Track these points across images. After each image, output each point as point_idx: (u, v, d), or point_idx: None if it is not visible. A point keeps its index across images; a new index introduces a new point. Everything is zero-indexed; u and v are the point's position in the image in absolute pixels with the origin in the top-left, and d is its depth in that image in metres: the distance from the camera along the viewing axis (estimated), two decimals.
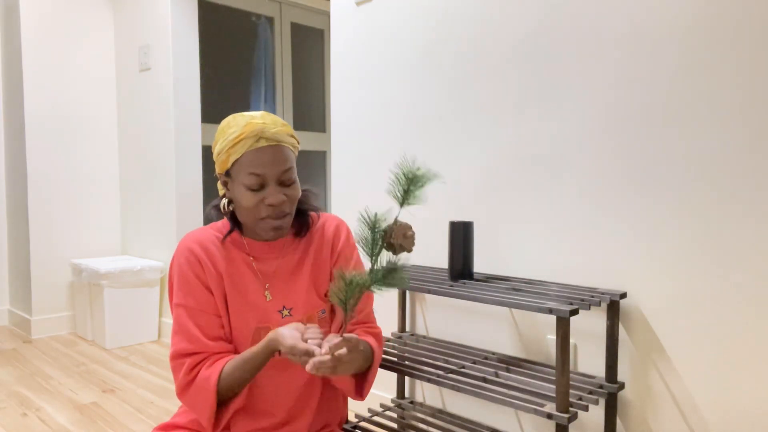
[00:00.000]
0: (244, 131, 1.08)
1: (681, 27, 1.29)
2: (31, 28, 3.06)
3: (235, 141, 1.08)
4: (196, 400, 1.10)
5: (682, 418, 1.33)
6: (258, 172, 1.08)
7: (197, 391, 1.09)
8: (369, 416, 1.71)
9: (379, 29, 1.94)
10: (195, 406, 1.11)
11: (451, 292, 1.36)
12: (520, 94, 1.58)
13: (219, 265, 1.15)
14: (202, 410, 1.10)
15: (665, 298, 1.34)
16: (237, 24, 3.61)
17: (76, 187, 3.25)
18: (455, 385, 1.32)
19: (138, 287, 2.98)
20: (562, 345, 1.18)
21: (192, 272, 1.13)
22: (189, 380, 1.10)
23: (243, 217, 1.13)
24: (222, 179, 1.15)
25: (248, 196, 1.09)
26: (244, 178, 1.08)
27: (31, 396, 2.27)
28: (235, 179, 1.11)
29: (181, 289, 1.13)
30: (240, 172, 1.09)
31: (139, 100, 3.18)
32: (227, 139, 1.09)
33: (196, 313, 1.12)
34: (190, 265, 1.13)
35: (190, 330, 1.11)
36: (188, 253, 1.14)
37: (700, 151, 1.28)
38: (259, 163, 1.08)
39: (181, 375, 1.10)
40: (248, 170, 1.08)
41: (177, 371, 1.11)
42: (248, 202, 1.09)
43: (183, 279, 1.13)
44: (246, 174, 1.08)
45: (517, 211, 1.61)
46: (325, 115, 4.13)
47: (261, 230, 1.12)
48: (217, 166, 1.14)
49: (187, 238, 1.17)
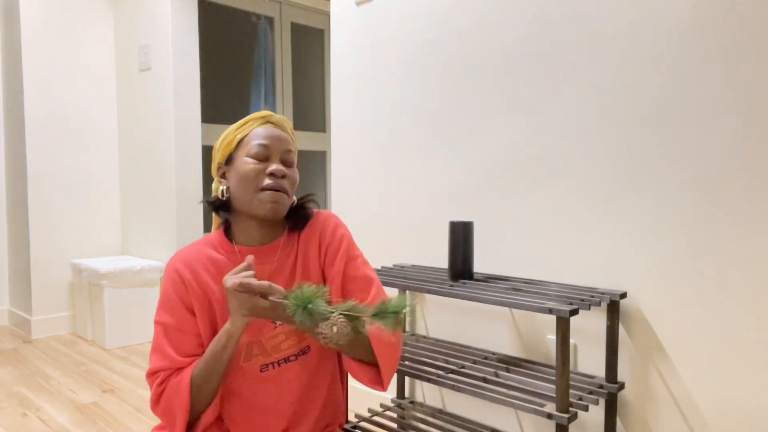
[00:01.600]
0: (251, 116, 1.15)
1: (678, 28, 1.29)
2: (31, 28, 3.06)
3: (243, 123, 1.15)
4: (168, 407, 1.08)
5: (682, 418, 1.33)
6: (266, 143, 1.11)
7: (169, 396, 1.08)
8: (369, 416, 1.71)
9: (379, 29, 1.94)
10: (167, 413, 1.09)
11: (451, 292, 1.36)
12: (520, 94, 1.58)
13: (208, 288, 1.12)
14: (174, 415, 1.08)
15: (665, 298, 1.34)
16: (237, 24, 3.61)
17: (76, 187, 3.25)
18: (455, 385, 1.32)
19: (138, 287, 2.98)
20: (562, 345, 1.18)
21: (174, 291, 1.13)
22: (160, 391, 1.09)
23: (241, 196, 1.10)
24: (221, 170, 1.16)
25: (251, 165, 1.10)
26: (250, 149, 1.11)
27: (31, 396, 2.27)
28: (238, 158, 1.12)
29: (163, 307, 1.13)
30: (246, 146, 1.12)
31: (139, 100, 3.18)
32: (233, 127, 1.16)
33: (173, 331, 1.11)
34: (173, 284, 1.13)
35: (164, 348, 1.11)
36: (173, 273, 1.14)
37: (700, 151, 1.28)
38: (268, 135, 1.12)
39: (153, 388, 1.10)
40: (256, 141, 1.11)
41: (150, 387, 1.11)
42: (251, 171, 1.09)
43: (165, 297, 1.14)
44: (253, 144, 1.11)
45: (517, 211, 1.61)
46: (325, 115, 4.13)
47: (259, 204, 1.08)
48: (219, 155, 1.15)
49: (175, 257, 1.17)
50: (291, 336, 1.13)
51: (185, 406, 1.06)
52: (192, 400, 1.07)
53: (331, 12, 2.10)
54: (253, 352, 1.12)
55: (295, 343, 1.14)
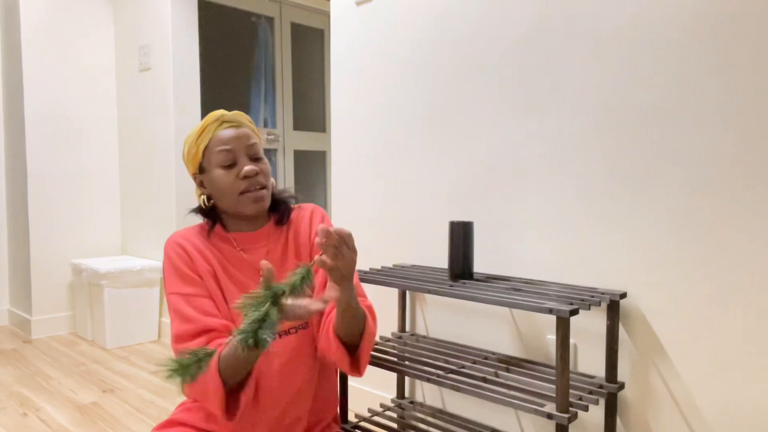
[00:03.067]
0: (205, 121, 1.17)
1: (678, 28, 1.29)
2: (31, 28, 3.06)
3: (200, 131, 1.17)
4: (202, 385, 1.06)
5: (682, 418, 1.33)
6: (227, 147, 1.15)
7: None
8: (369, 416, 1.71)
9: (379, 29, 1.94)
10: (202, 389, 1.06)
11: (451, 292, 1.36)
12: (520, 94, 1.58)
13: (211, 260, 1.17)
14: (209, 393, 1.06)
15: (665, 298, 1.34)
16: (237, 24, 3.61)
17: (76, 187, 3.25)
18: (455, 385, 1.32)
19: (138, 287, 2.98)
20: (562, 345, 1.18)
21: (182, 262, 1.15)
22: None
23: (224, 202, 1.17)
24: (197, 180, 1.21)
25: (223, 174, 1.15)
26: (216, 158, 1.15)
27: (31, 396, 2.27)
28: (208, 166, 1.17)
29: (173, 280, 1.14)
30: (211, 155, 1.16)
31: (139, 100, 3.18)
32: (192, 135, 1.18)
33: (190, 297, 1.13)
34: (179, 257, 1.15)
35: (185, 312, 1.11)
36: (176, 246, 1.16)
37: (700, 151, 1.28)
38: (227, 139, 1.16)
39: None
40: (218, 148, 1.15)
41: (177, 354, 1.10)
42: (226, 180, 1.15)
43: (173, 270, 1.15)
44: (217, 153, 1.15)
45: (517, 211, 1.61)
46: (325, 115, 4.13)
47: (243, 206, 1.16)
48: (191, 166, 1.20)
49: (173, 236, 1.19)
50: None
51: (219, 386, 1.04)
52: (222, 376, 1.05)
53: (331, 12, 2.10)
54: None
55: None
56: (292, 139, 3.88)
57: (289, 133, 3.86)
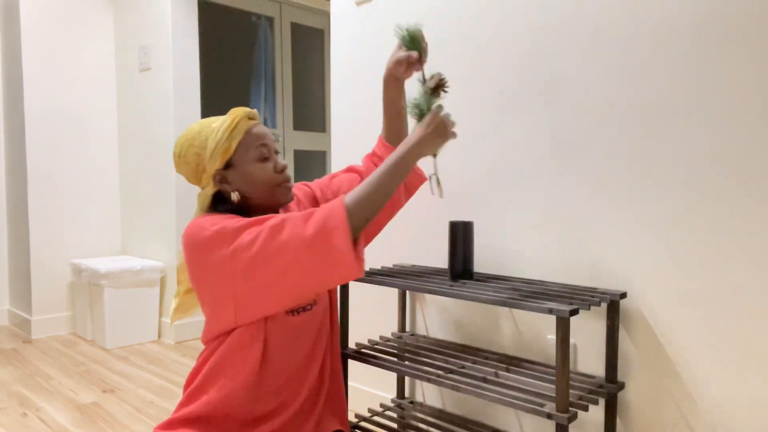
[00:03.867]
0: (235, 115, 1.17)
1: (689, 19, 1.29)
2: (31, 28, 3.06)
3: (232, 126, 1.16)
4: (323, 221, 1.05)
5: (682, 418, 1.33)
6: (265, 142, 1.19)
7: (322, 213, 1.06)
8: (369, 416, 1.71)
9: (379, 29, 1.94)
10: (321, 229, 1.04)
11: (451, 292, 1.36)
12: (520, 94, 1.58)
13: None
14: (331, 225, 1.04)
15: (665, 298, 1.34)
16: (237, 24, 3.61)
17: (76, 186, 3.25)
18: (455, 385, 1.32)
19: (138, 287, 2.98)
20: (562, 345, 1.18)
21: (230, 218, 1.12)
22: (307, 215, 1.07)
23: (258, 195, 1.19)
24: (218, 176, 1.18)
25: (262, 167, 1.18)
26: (253, 153, 1.18)
27: (31, 396, 2.27)
28: (241, 161, 1.17)
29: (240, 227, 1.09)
30: (248, 149, 1.18)
31: (139, 100, 3.18)
32: (220, 130, 1.16)
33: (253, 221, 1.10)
34: (227, 217, 1.12)
35: (267, 220, 1.09)
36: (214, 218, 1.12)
37: (701, 151, 1.28)
38: (261, 134, 1.20)
39: (292, 221, 1.06)
40: (256, 143, 1.18)
41: (282, 228, 1.06)
42: (266, 173, 1.18)
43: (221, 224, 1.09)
44: (255, 147, 1.18)
45: (517, 211, 1.61)
46: (325, 115, 4.13)
47: (280, 197, 1.21)
48: (215, 161, 1.16)
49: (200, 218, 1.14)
50: None
51: (343, 216, 1.05)
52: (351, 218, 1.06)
53: (331, 12, 2.10)
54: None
55: None
56: (292, 139, 3.88)
57: (289, 133, 3.86)
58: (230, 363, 1.15)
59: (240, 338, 1.15)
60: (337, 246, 1.04)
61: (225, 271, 1.09)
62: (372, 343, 1.68)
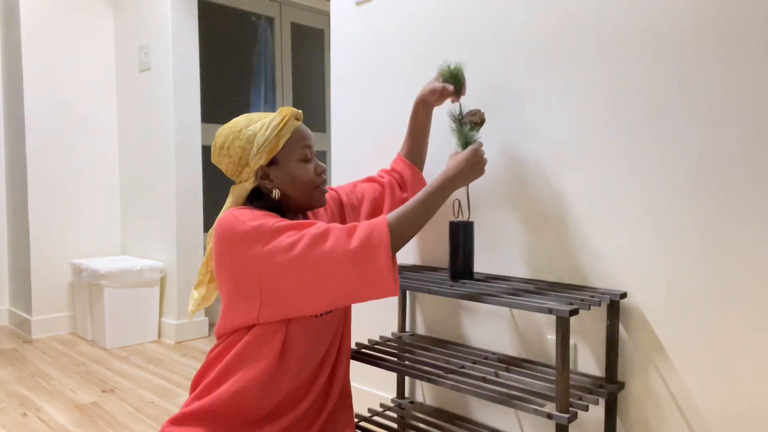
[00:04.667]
0: (285, 114, 1.19)
1: (689, 19, 1.29)
2: (31, 28, 3.06)
3: (282, 124, 1.18)
4: (367, 236, 1.08)
5: (682, 418, 1.33)
6: (309, 144, 1.23)
7: (366, 228, 1.09)
8: (369, 416, 1.71)
9: (379, 29, 1.94)
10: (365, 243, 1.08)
11: (451, 292, 1.36)
12: (519, 94, 1.58)
13: None
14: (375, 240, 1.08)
15: (665, 298, 1.34)
16: (237, 24, 3.61)
17: (76, 187, 3.25)
18: (455, 385, 1.32)
19: (138, 287, 2.98)
20: (562, 345, 1.18)
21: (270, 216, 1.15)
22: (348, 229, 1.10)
23: (297, 194, 1.22)
24: (262, 172, 1.20)
25: (305, 167, 1.22)
26: (298, 153, 1.21)
27: (31, 396, 2.27)
28: (286, 159, 1.20)
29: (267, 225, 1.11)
30: (294, 149, 1.21)
31: (139, 100, 3.18)
32: (269, 127, 1.17)
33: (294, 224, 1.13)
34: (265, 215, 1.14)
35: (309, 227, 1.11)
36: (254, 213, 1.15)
37: (701, 151, 1.28)
38: (307, 135, 1.24)
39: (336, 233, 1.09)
40: (302, 144, 1.21)
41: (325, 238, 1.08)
42: (308, 173, 1.22)
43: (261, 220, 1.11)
44: (300, 148, 1.21)
45: (517, 211, 1.61)
46: (325, 115, 4.13)
47: (317, 199, 1.24)
48: (260, 158, 1.18)
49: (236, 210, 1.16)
50: None
51: (386, 234, 1.09)
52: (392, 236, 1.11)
53: (331, 12, 2.10)
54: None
55: None
56: None
57: None
58: (248, 358, 1.15)
59: (261, 334, 1.15)
60: (379, 263, 1.07)
61: (257, 268, 1.09)
62: (372, 343, 1.68)
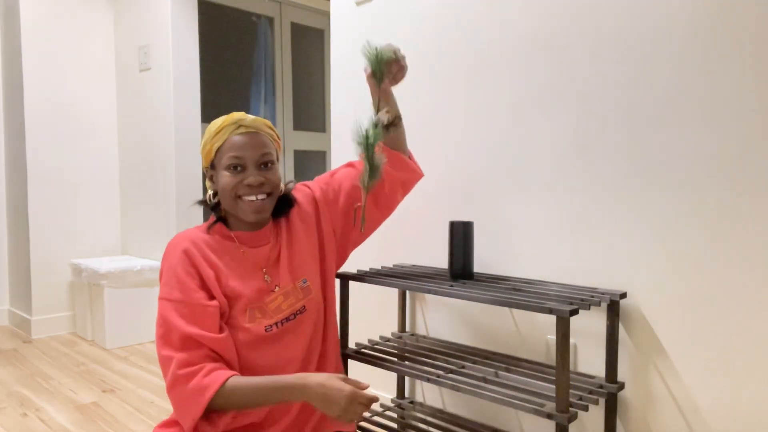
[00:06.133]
0: (225, 121, 1.19)
1: (690, 19, 1.29)
2: (31, 28, 3.06)
3: (218, 130, 1.19)
4: (184, 403, 1.09)
5: (682, 418, 1.33)
6: (238, 155, 1.17)
7: (188, 395, 1.08)
8: (369, 416, 1.71)
9: (379, 29, 1.94)
10: (181, 408, 1.10)
11: (451, 292, 1.36)
12: (519, 94, 1.58)
13: (212, 259, 1.19)
14: (186, 415, 1.09)
15: (665, 298, 1.34)
16: (237, 24, 3.61)
17: (77, 186, 3.25)
18: (455, 385, 1.32)
19: (138, 287, 2.98)
20: (562, 345, 1.18)
21: (183, 271, 1.15)
22: (184, 375, 1.09)
23: (226, 203, 1.20)
24: (208, 174, 1.24)
25: (228, 177, 1.18)
26: (225, 161, 1.18)
27: (31, 396, 2.27)
28: (218, 165, 1.20)
29: (170, 286, 1.14)
30: (222, 157, 1.19)
31: (139, 100, 3.18)
32: (210, 131, 1.20)
33: (188, 307, 1.13)
34: (182, 264, 1.16)
35: (179, 327, 1.11)
36: (180, 254, 1.17)
37: (701, 151, 1.28)
38: (239, 146, 1.18)
39: (175, 370, 1.10)
40: (229, 153, 1.18)
41: (168, 367, 1.11)
42: (228, 183, 1.18)
43: (172, 275, 1.15)
44: (227, 157, 1.18)
45: (517, 211, 1.61)
46: (325, 115, 4.13)
47: (242, 212, 1.19)
48: (203, 160, 1.24)
49: (177, 238, 1.20)
50: (288, 297, 1.23)
51: (196, 416, 1.08)
52: (213, 404, 1.08)
53: (331, 12, 2.10)
54: (256, 315, 1.19)
55: (292, 304, 1.24)
56: (292, 139, 3.88)
57: (289, 133, 3.86)
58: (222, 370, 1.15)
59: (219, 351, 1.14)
60: (190, 409, 1.07)
61: None
62: (372, 343, 1.68)
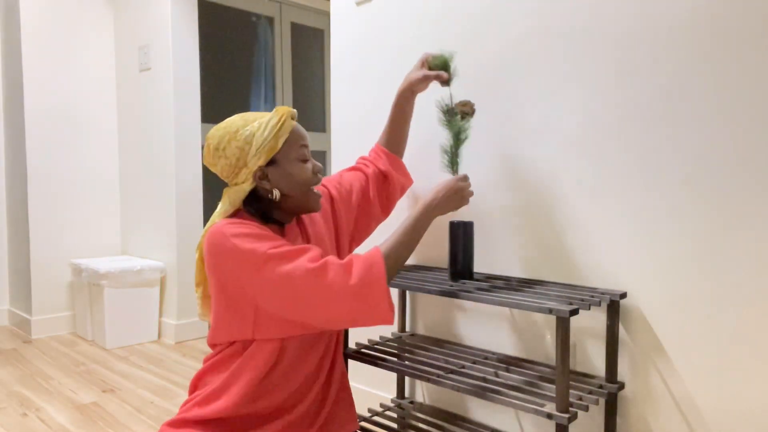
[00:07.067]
0: (282, 113, 1.18)
1: (688, 19, 1.29)
2: (31, 28, 3.06)
3: (280, 123, 1.17)
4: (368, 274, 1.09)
5: (682, 418, 1.33)
6: (306, 143, 1.22)
7: (364, 264, 1.10)
8: (369, 416, 1.71)
9: (379, 29, 1.94)
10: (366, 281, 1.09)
11: (451, 292, 1.36)
12: (519, 93, 1.58)
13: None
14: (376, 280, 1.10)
15: (665, 298, 1.34)
16: (237, 24, 3.61)
17: (76, 186, 3.25)
18: (455, 385, 1.32)
19: (138, 287, 2.98)
20: (562, 345, 1.18)
21: (255, 228, 1.13)
22: (348, 263, 1.10)
23: (295, 195, 1.20)
24: (260, 173, 1.17)
25: (303, 167, 1.21)
26: (296, 153, 1.20)
27: (31, 396, 2.27)
28: (285, 159, 1.19)
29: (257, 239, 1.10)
30: (291, 149, 1.19)
31: (139, 100, 3.18)
32: (267, 127, 1.15)
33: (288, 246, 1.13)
34: (249, 227, 1.12)
35: (305, 256, 1.10)
36: (246, 226, 1.12)
37: (701, 150, 1.28)
38: (304, 134, 1.23)
39: (335, 267, 1.09)
40: (299, 143, 1.20)
41: (325, 272, 1.08)
42: (306, 173, 1.21)
43: (256, 239, 1.10)
44: (298, 147, 1.20)
45: (517, 211, 1.61)
46: (325, 115, 4.13)
47: (312, 203, 1.23)
48: (259, 158, 1.15)
49: (224, 227, 1.12)
50: None
51: (383, 269, 1.11)
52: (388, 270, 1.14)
53: (331, 12, 2.10)
54: None
55: None
56: None
57: None
58: (246, 366, 1.15)
59: (257, 344, 1.15)
60: (378, 298, 1.09)
61: (251, 292, 1.09)
62: (372, 343, 1.68)
